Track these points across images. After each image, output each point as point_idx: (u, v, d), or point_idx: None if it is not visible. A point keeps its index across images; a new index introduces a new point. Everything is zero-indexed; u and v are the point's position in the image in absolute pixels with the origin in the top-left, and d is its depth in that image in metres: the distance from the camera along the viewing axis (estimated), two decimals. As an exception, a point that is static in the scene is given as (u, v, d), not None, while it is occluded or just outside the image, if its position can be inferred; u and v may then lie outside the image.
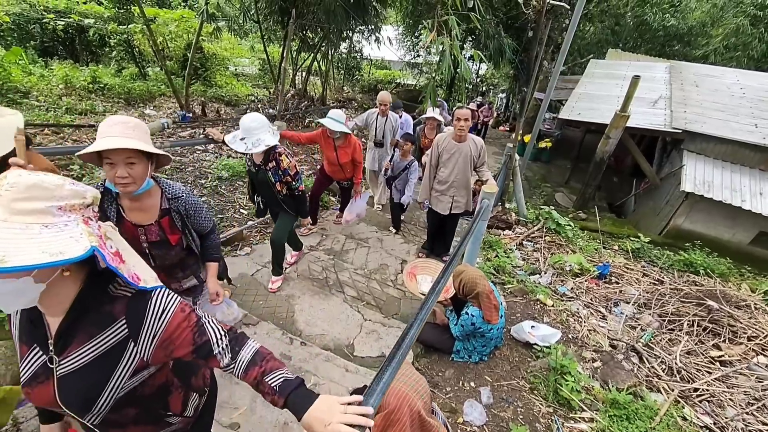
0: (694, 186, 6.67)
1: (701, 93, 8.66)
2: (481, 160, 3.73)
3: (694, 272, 5.05)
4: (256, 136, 2.66)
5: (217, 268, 2.08)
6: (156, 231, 1.72)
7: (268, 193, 3.09)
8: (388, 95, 4.90)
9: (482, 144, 3.72)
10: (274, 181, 2.96)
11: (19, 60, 7.48)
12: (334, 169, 4.22)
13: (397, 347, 1.28)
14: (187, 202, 1.78)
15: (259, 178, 3.01)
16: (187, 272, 2.01)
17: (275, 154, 2.88)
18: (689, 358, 3.18)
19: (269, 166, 2.90)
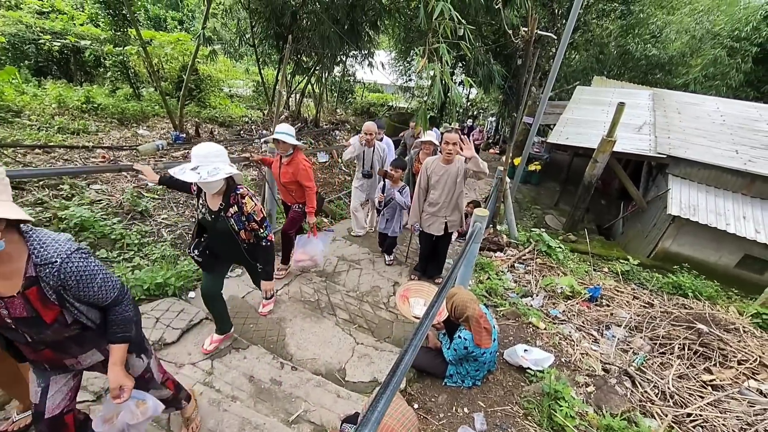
0: (681, 209, 6.82)
1: (684, 120, 8.97)
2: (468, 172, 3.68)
3: (683, 295, 5.11)
4: (212, 164, 2.15)
5: (123, 353, 1.61)
6: (21, 305, 1.31)
7: (228, 244, 2.55)
8: (374, 125, 4.73)
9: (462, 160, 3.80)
10: (238, 229, 2.47)
11: (12, 79, 7.49)
12: (283, 190, 3.85)
13: (391, 375, 1.27)
14: (64, 269, 1.33)
15: (217, 228, 2.43)
16: (87, 347, 1.60)
17: (237, 196, 2.38)
18: (681, 383, 3.18)
19: (230, 212, 2.38)
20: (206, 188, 2.29)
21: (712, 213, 6.77)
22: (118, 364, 1.59)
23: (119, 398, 1.59)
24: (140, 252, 3.80)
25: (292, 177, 3.57)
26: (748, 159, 7.11)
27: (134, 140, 6.75)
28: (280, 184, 3.75)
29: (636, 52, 16.18)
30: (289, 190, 3.72)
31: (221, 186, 2.31)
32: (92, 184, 4.67)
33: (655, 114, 9.36)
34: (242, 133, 9.17)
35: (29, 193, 4.10)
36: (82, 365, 1.62)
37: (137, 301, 3.15)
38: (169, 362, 2.69)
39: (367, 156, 4.86)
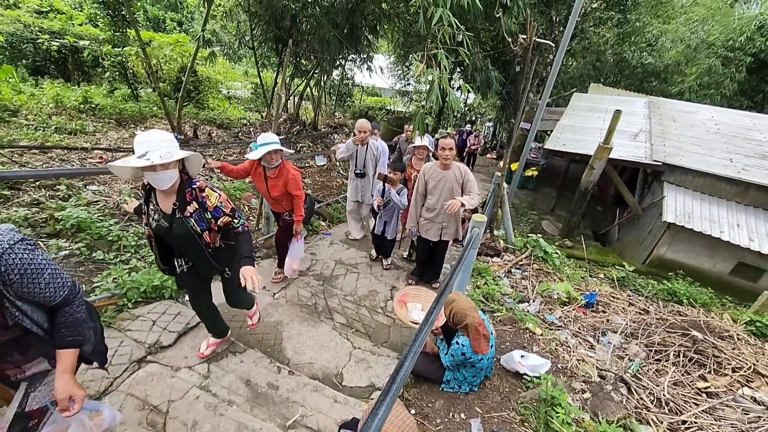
0: (675, 217, 6.87)
1: (679, 128, 9.05)
2: (469, 186, 3.75)
3: (678, 302, 5.14)
4: (165, 148, 1.84)
5: (73, 360, 1.41)
6: None
7: (191, 251, 2.22)
8: (367, 123, 4.62)
9: (466, 169, 3.83)
10: (201, 231, 2.12)
11: (9, 78, 7.46)
12: (271, 202, 3.69)
13: (391, 382, 1.27)
14: (6, 261, 1.18)
15: (175, 233, 2.08)
16: (31, 354, 1.43)
17: (194, 191, 2.05)
18: (677, 389, 3.20)
19: (189, 211, 2.05)
20: (158, 182, 1.90)
21: (707, 220, 6.83)
22: (68, 372, 1.38)
23: (68, 411, 1.39)
24: (137, 254, 3.78)
25: (283, 189, 3.38)
26: (742, 167, 7.18)
27: (131, 141, 6.72)
28: (269, 198, 3.56)
29: (632, 60, 16.36)
30: (278, 201, 3.54)
31: (175, 180, 1.96)
32: (89, 185, 4.65)
33: (651, 122, 9.45)
34: (240, 136, 9.17)
35: (25, 194, 4.07)
36: (24, 375, 1.42)
37: (134, 303, 3.14)
38: (166, 365, 2.68)
39: (360, 155, 4.76)
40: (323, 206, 6.39)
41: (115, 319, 2.92)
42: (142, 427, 2.24)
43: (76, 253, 3.51)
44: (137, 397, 2.40)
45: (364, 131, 4.51)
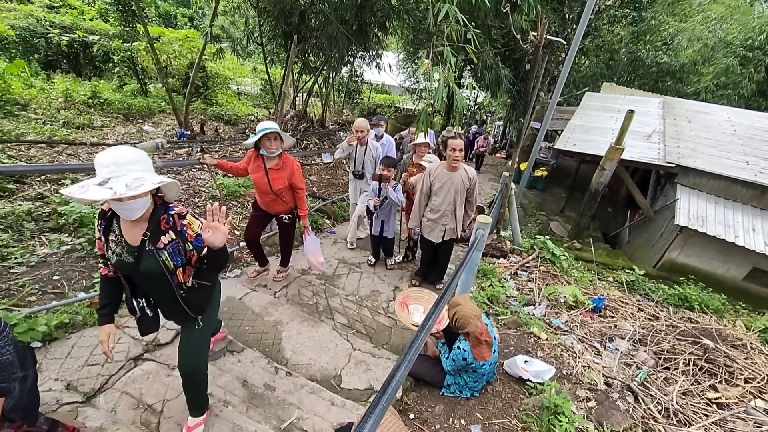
0: (688, 220, 6.70)
1: (694, 129, 8.83)
2: (472, 191, 3.75)
3: (689, 308, 5.00)
4: (132, 174, 1.48)
5: None
6: None
7: (162, 291, 1.84)
8: (365, 122, 4.45)
9: (474, 174, 3.75)
10: (174, 267, 1.77)
11: (21, 72, 7.53)
12: (268, 200, 3.36)
13: (382, 392, 1.21)
14: None
15: (143, 270, 1.71)
16: None
17: (171, 218, 1.72)
18: (686, 400, 3.09)
19: (163, 242, 1.71)
20: (126, 213, 1.56)
21: (721, 224, 6.64)
22: None
23: None
24: (139, 250, 3.76)
25: (286, 182, 3.20)
26: (759, 170, 6.97)
27: (139, 136, 6.75)
28: (269, 193, 3.25)
29: (647, 59, 16.02)
30: (281, 196, 3.30)
31: (148, 207, 1.63)
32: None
33: (665, 122, 9.23)
34: (247, 132, 9.17)
35: (30, 188, 4.09)
36: None
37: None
38: (162, 363, 2.65)
39: (359, 155, 4.60)
40: (328, 204, 6.34)
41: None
42: (135, 426, 2.22)
43: (78, 248, 3.52)
44: (132, 395, 2.37)
45: (362, 131, 4.35)
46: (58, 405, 2.18)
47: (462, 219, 3.90)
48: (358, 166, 4.65)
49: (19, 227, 3.54)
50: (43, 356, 2.47)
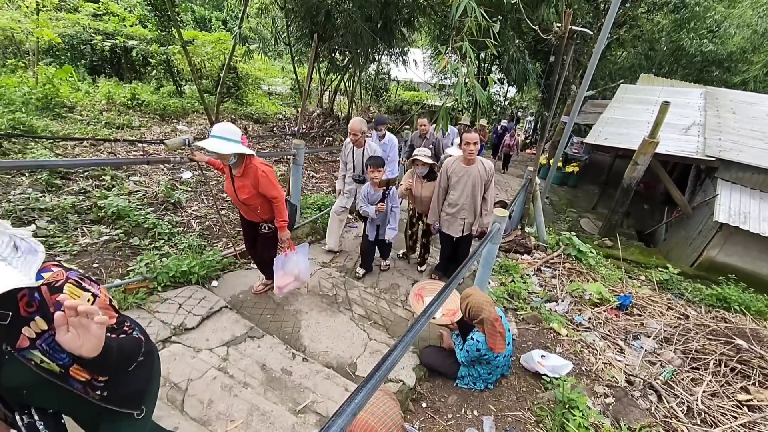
0: (729, 217, 6.34)
1: (738, 120, 8.32)
2: (490, 189, 3.74)
3: (726, 308, 4.75)
4: None
5: None
6: None
7: (61, 399, 1.26)
8: (361, 122, 3.99)
9: (491, 167, 3.72)
10: (63, 367, 1.18)
11: (68, 77, 8.08)
12: (243, 209, 3.13)
13: (376, 369, 1.26)
14: None
15: (7, 385, 1.17)
16: None
17: (37, 293, 1.12)
18: (713, 401, 2.96)
19: (28, 337, 1.11)
20: None
21: (766, 221, 6.24)
22: None
23: None
24: (170, 241, 3.99)
25: (252, 190, 2.86)
26: (811, 163, 6.50)
27: (173, 135, 7.10)
28: (238, 202, 3.02)
29: (690, 48, 15.18)
30: (252, 207, 3.00)
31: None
32: (131, 176, 4.96)
33: (707, 114, 8.74)
34: (275, 130, 9.43)
35: (75, 183, 4.41)
36: None
37: (163, 287, 3.30)
38: (189, 347, 2.82)
39: (357, 158, 4.20)
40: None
41: (145, 301, 3.11)
42: (162, 402, 2.37)
43: (115, 238, 3.77)
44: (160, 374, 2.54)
45: (355, 133, 3.95)
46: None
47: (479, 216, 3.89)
48: (358, 170, 4.26)
49: (64, 219, 3.84)
50: (82, 336, 2.68)
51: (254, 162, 2.83)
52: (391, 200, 3.90)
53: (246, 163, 2.81)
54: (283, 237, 3.14)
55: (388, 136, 4.97)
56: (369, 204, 3.86)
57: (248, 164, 2.82)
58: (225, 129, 2.64)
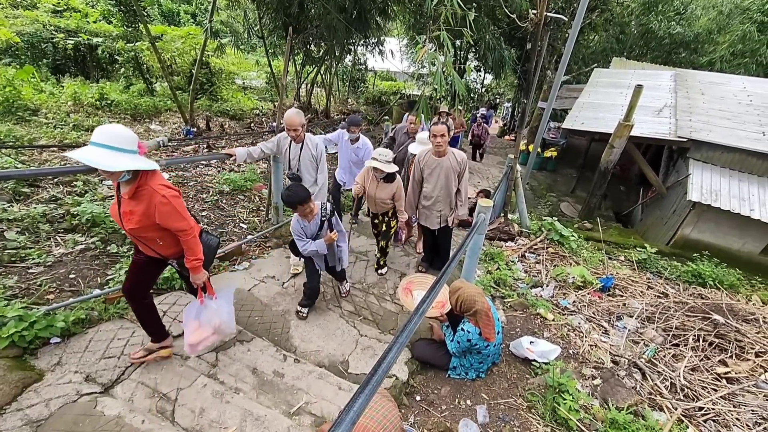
0: (701, 195, 6.56)
1: (707, 101, 8.57)
2: (463, 181, 3.70)
3: (701, 284, 4.94)
4: None
5: None
6: None
7: None
8: (299, 115, 3.38)
9: (463, 158, 3.67)
10: None
11: (30, 78, 7.69)
12: (136, 242, 2.32)
13: (372, 374, 1.25)
14: None
15: None
16: None
17: None
18: (694, 375, 3.08)
19: None
20: None
21: (736, 198, 6.49)
22: None
23: None
24: (150, 246, 3.87)
25: (145, 220, 2.07)
26: (776, 141, 6.77)
27: (146, 135, 6.87)
28: (127, 231, 2.17)
29: (659, 31, 15.50)
30: (146, 240, 2.22)
31: None
32: (105, 180, 4.78)
33: (677, 96, 8.97)
34: (252, 126, 9.23)
35: (44, 190, 4.22)
36: None
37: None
38: (176, 354, 2.75)
39: (294, 154, 3.59)
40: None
41: (127, 311, 3.01)
42: (152, 414, 2.32)
43: (92, 246, 3.63)
44: (147, 385, 2.48)
45: (295, 128, 3.37)
46: (78, 396, 2.29)
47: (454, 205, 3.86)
48: (293, 166, 3.63)
49: (35, 229, 3.67)
50: (62, 351, 2.58)
51: (152, 183, 2.04)
52: (335, 225, 3.15)
53: (140, 182, 2.03)
54: (197, 281, 2.44)
55: (362, 140, 4.60)
56: (308, 239, 3.05)
57: (143, 184, 2.03)
58: (112, 134, 1.89)
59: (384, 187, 3.69)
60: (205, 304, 2.56)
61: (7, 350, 2.39)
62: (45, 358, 2.51)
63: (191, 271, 2.39)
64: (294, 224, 3.00)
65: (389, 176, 3.60)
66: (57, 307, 2.79)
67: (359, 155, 4.57)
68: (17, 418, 2.11)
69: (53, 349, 2.58)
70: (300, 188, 2.80)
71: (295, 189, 2.76)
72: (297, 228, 3.00)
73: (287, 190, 2.78)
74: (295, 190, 2.76)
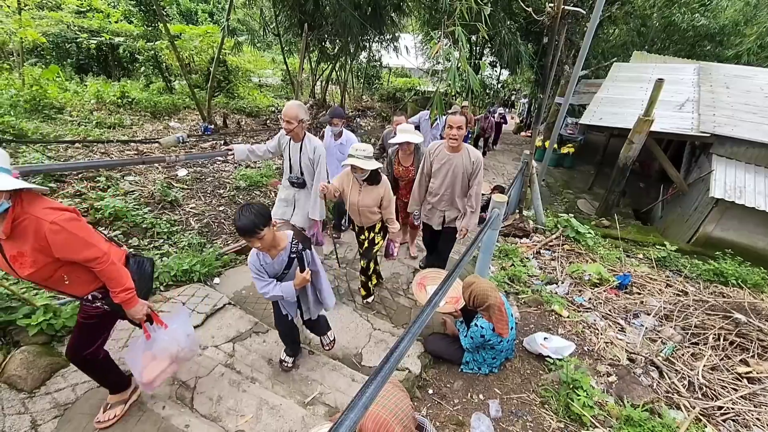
0: (725, 192, 6.37)
1: (732, 95, 8.31)
2: (475, 184, 3.29)
3: (723, 283, 4.81)
4: None
5: None
6: None
7: None
8: (299, 107, 3.03)
9: (478, 158, 3.25)
10: None
11: (56, 77, 7.94)
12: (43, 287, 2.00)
13: (384, 361, 1.28)
14: None
15: None
16: None
17: None
18: (713, 374, 3.02)
19: None
20: None
21: (761, 195, 6.28)
22: None
23: None
24: (169, 240, 3.98)
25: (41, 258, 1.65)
26: (805, 136, 6.52)
27: (165, 132, 7.02)
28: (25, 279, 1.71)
29: (682, 23, 15.03)
30: (53, 283, 1.79)
31: None
32: (126, 176, 4.92)
33: (700, 90, 8.71)
34: (268, 123, 9.35)
35: (69, 186, 4.36)
36: None
37: (165, 286, 3.31)
38: (194, 345, 2.83)
39: (294, 155, 3.23)
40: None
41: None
42: (171, 400, 2.39)
43: (114, 240, 3.74)
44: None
45: (289, 120, 2.98)
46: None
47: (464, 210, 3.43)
48: (295, 170, 3.27)
49: (61, 223, 3.81)
50: (87, 339, 2.69)
51: (33, 210, 1.60)
52: (310, 263, 2.38)
53: (17, 212, 1.58)
54: (136, 315, 1.99)
55: (346, 135, 4.12)
56: (271, 279, 2.28)
57: (21, 215, 1.59)
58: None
59: (368, 191, 3.07)
60: (155, 337, 2.20)
61: (36, 337, 2.49)
62: (71, 345, 2.61)
63: (123, 306, 1.91)
64: (251, 258, 2.23)
65: (373, 177, 3.01)
66: (82, 297, 2.89)
67: (345, 152, 3.94)
68: (46, 401, 2.21)
69: (79, 337, 2.68)
70: (252, 212, 1.96)
71: (245, 213, 1.96)
72: (255, 264, 2.22)
73: (239, 212, 1.98)
74: (244, 215, 1.95)
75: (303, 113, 3.05)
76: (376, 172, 2.99)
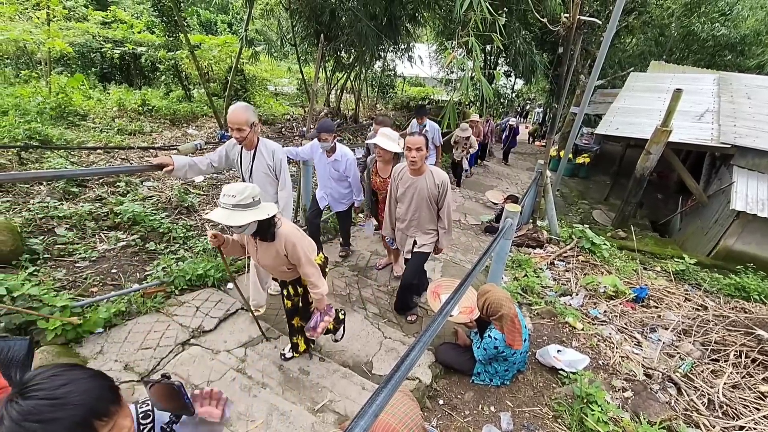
0: (746, 204, 6.22)
1: (753, 105, 8.14)
2: (442, 203, 3.05)
3: (745, 298, 4.67)
4: None
5: None
6: None
7: None
8: (246, 110, 2.62)
9: (444, 180, 2.99)
10: None
11: (80, 85, 8.22)
12: None
13: (395, 369, 1.28)
14: None
15: None
16: None
17: None
18: (734, 393, 2.92)
19: None
20: None
21: (785, 208, 6.11)
22: None
23: None
24: (185, 245, 4.05)
25: None
26: (831, 147, 6.34)
27: (184, 139, 7.19)
28: None
29: (702, 33, 14.85)
30: None
31: None
32: (145, 181, 5.05)
33: (720, 100, 8.56)
34: (284, 131, 9.49)
35: (91, 190, 4.50)
36: None
37: (180, 290, 3.36)
38: (207, 349, 2.86)
39: (246, 165, 2.83)
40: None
41: (163, 305, 3.16)
42: (184, 404, 2.42)
43: (132, 244, 3.84)
44: (180, 376, 2.59)
45: (239, 127, 2.58)
46: (117, 382, 2.42)
47: (432, 235, 3.25)
48: (246, 178, 2.87)
49: (82, 226, 3.92)
50: (104, 340, 2.75)
51: None
52: None
53: None
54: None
55: (340, 150, 3.67)
56: None
57: None
58: None
59: (264, 248, 2.30)
60: None
61: (55, 338, 2.56)
62: (88, 346, 2.67)
63: None
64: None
65: (262, 229, 2.14)
66: (100, 300, 2.97)
67: (340, 169, 3.69)
68: (63, 401, 2.25)
69: (96, 339, 2.74)
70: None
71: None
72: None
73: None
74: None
75: (252, 115, 2.63)
76: (266, 223, 2.12)
